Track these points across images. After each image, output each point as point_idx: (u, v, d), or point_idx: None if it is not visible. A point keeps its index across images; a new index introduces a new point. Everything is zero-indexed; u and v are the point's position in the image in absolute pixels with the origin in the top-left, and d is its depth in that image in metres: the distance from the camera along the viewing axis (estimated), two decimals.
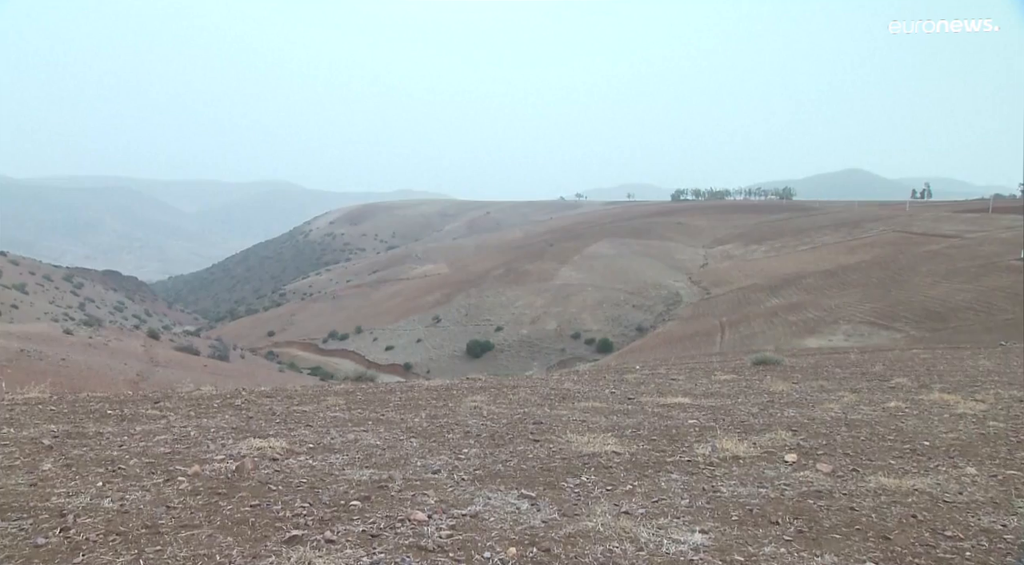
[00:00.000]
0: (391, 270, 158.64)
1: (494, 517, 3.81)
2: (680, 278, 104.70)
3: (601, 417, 6.88)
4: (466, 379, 11.43)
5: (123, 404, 7.62)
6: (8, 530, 3.46)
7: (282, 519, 3.71)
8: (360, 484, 4.40)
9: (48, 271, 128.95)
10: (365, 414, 7.16)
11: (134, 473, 4.62)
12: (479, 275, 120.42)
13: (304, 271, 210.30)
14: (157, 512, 3.79)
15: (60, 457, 4.99)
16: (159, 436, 5.83)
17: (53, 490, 4.16)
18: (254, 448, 5.31)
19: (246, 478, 4.52)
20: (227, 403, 7.82)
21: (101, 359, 51.27)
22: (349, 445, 5.57)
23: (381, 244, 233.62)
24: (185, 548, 3.28)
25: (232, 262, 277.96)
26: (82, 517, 3.67)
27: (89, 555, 3.18)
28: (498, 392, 9.00)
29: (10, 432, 5.83)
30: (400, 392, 9.18)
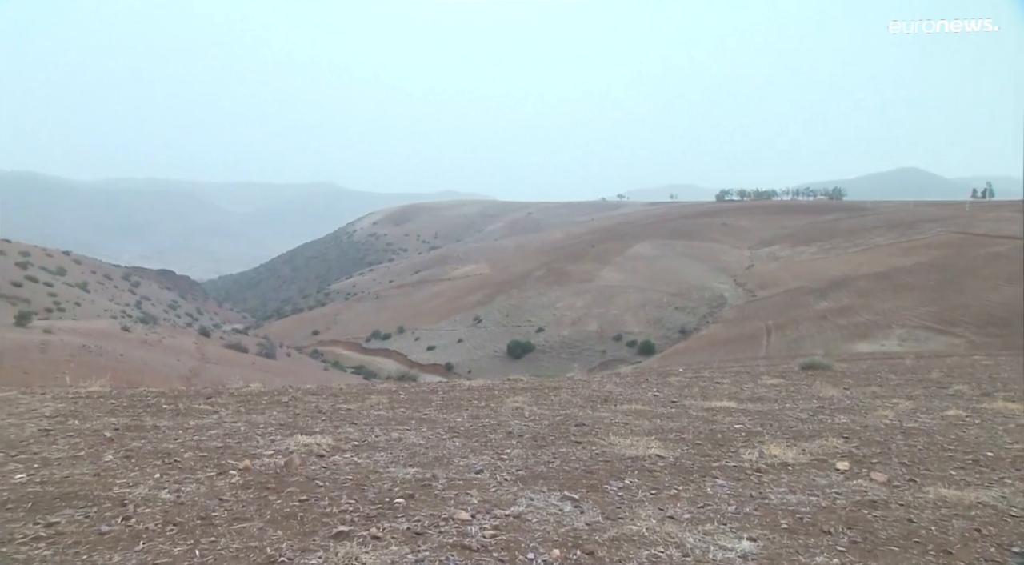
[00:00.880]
0: (433, 270, 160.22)
1: (537, 518, 3.80)
2: (724, 280, 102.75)
3: (644, 420, 6.80)
4: (507, 380, 11.45)
5: (177, 399, 7.89)
6: (75, 517, 3.63)
7: (329, 515, 3.78)
8: (404, 482, 4.45)
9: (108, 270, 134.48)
10: (408, 413, 7.24)
11: (189, 466, 4.78)
12: (520, 276, 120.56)
13: (348, 271, 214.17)
14: (211, 504, 3.92)
15: (120, 449, 5.20)
16: (211, 431, 6.02)
17: (115, 480, 4.34)
18: (301, 444, 5.43)
19: (294, 474, 4.62)
20: (275, 400, 8.01)
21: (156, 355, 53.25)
22: (393, 443, 5.64)
23: (423, 245, 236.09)
24: (237, 540, 3.38)
25: (279, 262, 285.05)
26: (142, 507, 3.82)
27: (149, 544, 3.31)
28: (539, 393, 8.99)
29: (75, 424, 6.10)
30: (442, 392, 9.25)
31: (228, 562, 3.11)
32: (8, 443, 5.26)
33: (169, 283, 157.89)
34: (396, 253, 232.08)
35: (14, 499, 3.89)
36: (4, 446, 5.15)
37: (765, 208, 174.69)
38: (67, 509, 3.77)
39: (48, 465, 4.68)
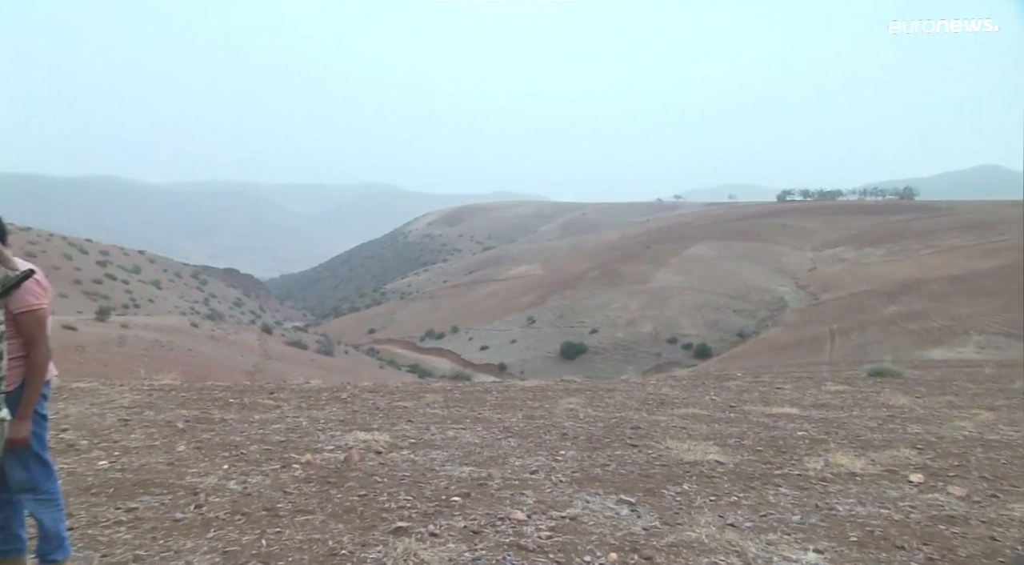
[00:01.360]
0: (486, 271, 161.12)
1: (593, 521, 3.77)
2: (786, 282, 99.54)
3: (702, 424, 6.65)
4: (561, 380, 11.41)
5: (243, 393, 8.19)
6: (152, 504, 3.82)
7: (388, 510, 3.85)
8: (460, 481, 4.49)
9: (178, 269, 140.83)
10: (463, 412, 7.30)
11: (254, 458, 4.95)
12: (574, 277, 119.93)
13: (403, 271, 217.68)
14: (275, 496, 4.05)
15: (192, 440, 5.44)
16: (274, 425, 6.22)
17: (187, 470, 4.55)
18: (360, 440, 5.55)
19: (353, 469, 4.73)
20: (334, 396, 8.21)
21: (222, 351, 55.38)
22: (449, 442, 5.70)
23: (477, 245, 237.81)
24: (301, 532, 3.48)
25: (337, 262, 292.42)
26: (212, 496, 3.99)
27: (219, 531, 3.45)
28: (594, 395, 8.92)
29: (150, 415, 6.42)
30: (496, 392, 9.28)
31: (292, 553, 3.21)
32: (92, 431, 5.58)
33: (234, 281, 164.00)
34: (450, 253, 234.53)
35: (98, 484, 4.12)
36: (88, 434, 5.46)
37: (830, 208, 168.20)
38: (145, 496, 3.97)
39: (127, 453, 4.94)
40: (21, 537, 2.91)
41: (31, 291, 2.64)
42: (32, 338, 2.65)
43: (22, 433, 2.57)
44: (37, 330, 2.66)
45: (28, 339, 2.64)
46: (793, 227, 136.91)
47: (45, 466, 2.82)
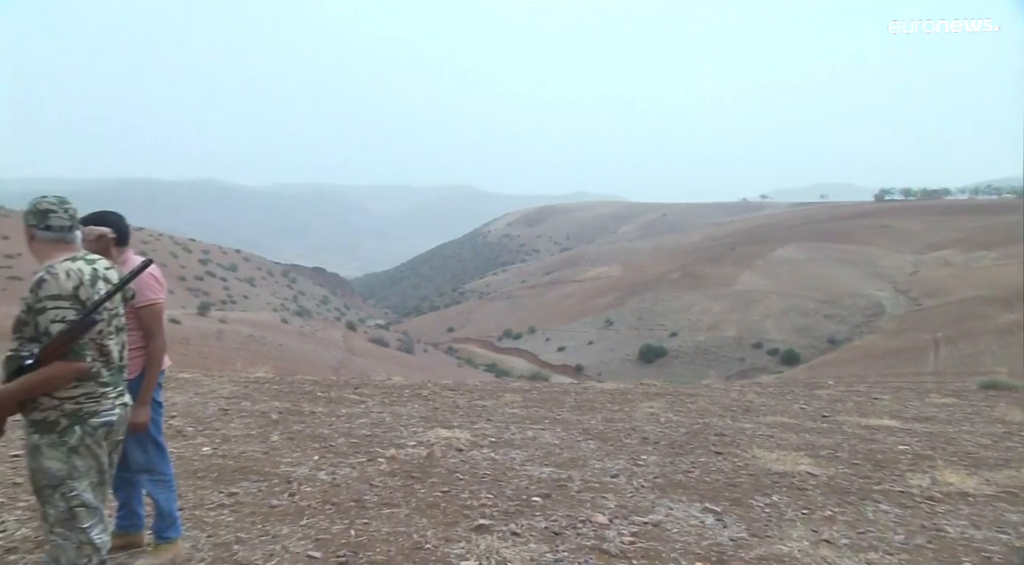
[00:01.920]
0: (564, 272, 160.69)
1: (677, 529, 3.68)
2: (883, 287, 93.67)
3: (791, 434, 6.36)
4: (640, 384, 11.21)
5: (330, 388, 8.52)
6: (250, 490, 4.05)
7: (470, 507, 3.91)
8: (540, 481, 4.50)
9: (270, 267, 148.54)
10: (542, 413, 7.31)
11: (342, 451, 5.15)
12: (654, 278, 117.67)
13: (482, 271, 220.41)
14: (362, 488, 4.19)
15: (284, 431, 5.71)
16: (360, 419, 6.44)
17: (281, 459, 4.78)
18: (441, 438, 5.66)
19: (436, 465, 4.83)
20: (415, 393, 8.40)
21: (310, 346, 57.92)
22: (528, 442, 5.72)
23: (555, 246, 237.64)
24: (387, 524, 3.58)
25: (418, 261, 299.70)
26: (304, 485, 4.17)
27: (311, 519, 3.61)
28: (675, 399, 8.70)
29: (247, 406, 6.79)
30: (575, 393, 9.23)
31: (380, 544, 3.31)
32: (196, 419, 5.97)
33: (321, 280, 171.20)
34: (528, 254, 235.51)
35: (203, 469, 4.41)
36: (193, 421, 5.85)
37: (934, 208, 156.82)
38: (244, 481, 4.21)
39: (227, 441, 5.25)
40: (140, 514, 3.15)
41: (150, 286, 2.86)
42: (150, 330, 2.86)
43: (142, 418, 2.78)
44: (155, 323, 2.87)
45: (147, 331, 2.85)
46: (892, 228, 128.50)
47: (160, 449, 3.05)
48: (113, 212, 2.92)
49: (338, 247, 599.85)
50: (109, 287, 2.36)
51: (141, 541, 3.12)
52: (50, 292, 2.20)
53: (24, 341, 2.25)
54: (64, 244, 2.34)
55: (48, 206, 2.32)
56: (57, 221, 2.32)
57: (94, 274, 2.34)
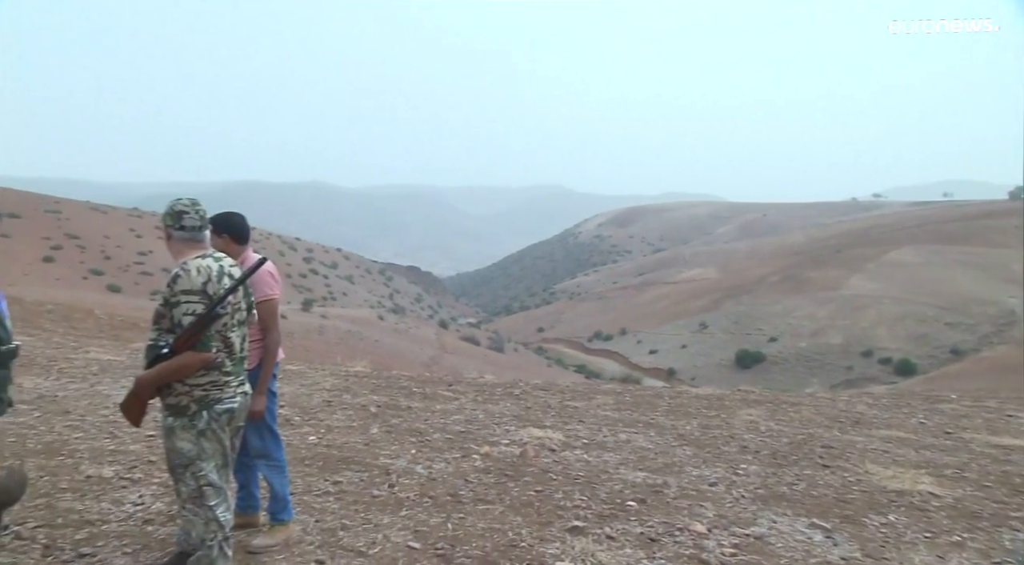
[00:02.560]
0: (657, 273, 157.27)
1: (782, 543, 3.50)
2: (1017, 293, 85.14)
3: (909, 450, 5.90)
4: (737, 390, 10.77)
5: (424, 384, 8.75)
6: (353, 479, 4.23)
7: (563, 508, 3.89)
8: (635, 486, 4.42)
9: (368, 266, 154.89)
10: (635, 416, 7.18)
11: (438, 446, 5.27)
12: (752, 281, 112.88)
13: (573, 271, 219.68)
14: (458, 483, 4.28)
15: (383, 424, 5.93)
16: (454, 416, 6.57)
17: (380, 451, 4.96)
18: (534, 437, 5.68)
19: (529, 464, 4.85)
20: (507, 392, 8.48)
21: (404, 343, 59.89)
22: (621, 445, 5.64)
23: (648, 247, 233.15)
24: (482, 520, 3.64)
25: (509, 261, 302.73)
26: (402, 478, 4.31)
27: (410, 511, 3.72)
28: (776, 407, 8.30)
29: (348, 398, 7.10)
30: (668, 397, 9.00)
31: (475, 539, 3.36)
32: (302, 409, 6.31)
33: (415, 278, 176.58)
34: (620, 255, 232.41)
35: (309, 457, 4.65)
36: (300, 411, 6.18)
37: None
38: (347, 471, 4.40)
39: (331, 431, 5.51)
40: (256, 496, 3.37)
41: (267, 283, 3.05)
42: (267, 325, 3.05)
43: (259, 406, 2.98)
44: (271, 317, 3.06)
45: (264, 325, 3.04)
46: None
47: (275, 437, 3.25)
48: (236, 213, 3.13)
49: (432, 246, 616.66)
50: (230, 283, 2.54)
51: (257, 521, 3.34)
52: (183, 287, 2.41)
53: (162, 332, 2.46)
54: (196, 243, 2.55)
55: (182, 208, 2.53)
56: (190, 222, 2.53)
57: (220, 270, 2.52)
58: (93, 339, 10.88)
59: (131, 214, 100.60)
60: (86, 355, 8.41)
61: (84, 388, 6.37)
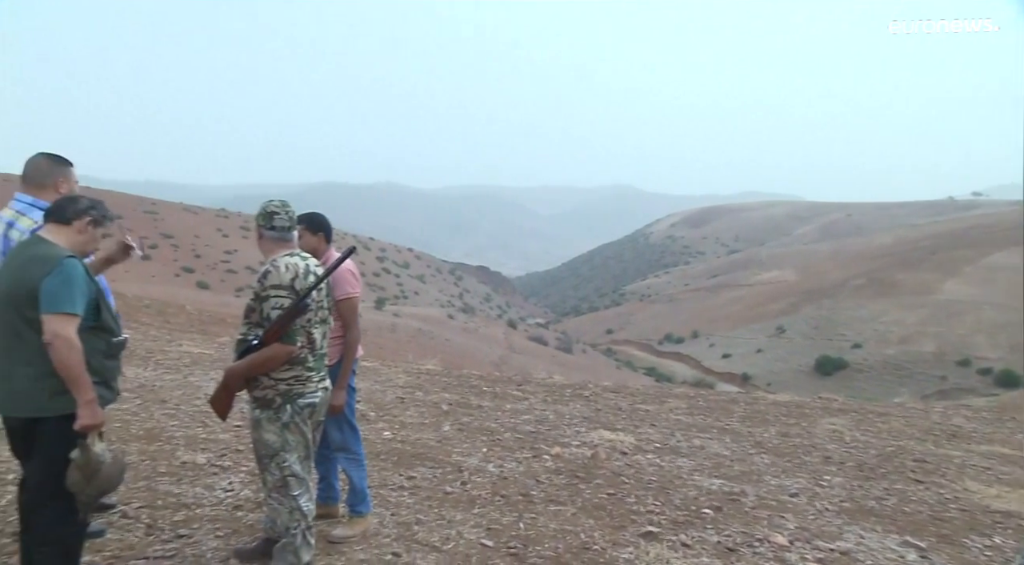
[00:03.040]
0: (731, 275, 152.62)
1: (871, 561, 3.32)
2: None
3: (1015, 468, 5.47)
4: (818, 398, 10.29)
5: (494, 383, 8.81)
6: (426, 475, 4.31)
7: (636, 513, 3.83)
8: (711, 493, 4.30)
9: (438, 265, 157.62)
10: (708, 421, 6.99)
11: (509, 445, 5.30)
12: (834, 284, 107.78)
13: (643, 273, 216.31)
14: (529, 483, 4.28)
15: (455, 422, 6.01)
16: (524, 415, 6.58)
17: (453, 449, 5.03)
18: (605, 439, 5.62)
19: (600, 467, 4.80)
20: (576, 393, 8.42)
21: (473, 342, 60.60)
22: (695, 451, 5.50)
23: (722, 248, 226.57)
24: (554, 521, 3.62)
25: (578, 262, 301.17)
26: (475, 475, 4.36)
27: (482, 509, 3.75)
28: (862, 418, 7.88)
29: (420, 396, 7.24)
30: (744, 403, 8.71)
31: (548, 540, 3.35)
32: (377, 405, 6.48)
33: (485, 278, 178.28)
34: (693, 256, 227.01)
35: (384, 452, 4.77)
36: (375, 407, 6.35)
37: None
38: (420, 467, 4.49)
39: (404, 427, 5.63)
40: (336, 488, 3.49)
41: (348, 281, 3.15)
42: (347, 322, 3.15)
43: (339, 401, 3.08)
44: (351, 315, 3.16)
45: (344, 322, 3.15)
46: None
47: (354, 431, 3.35)
48: (320, 213, 3.25)
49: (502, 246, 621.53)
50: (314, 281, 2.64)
51: (337, 512, 3.45)
52: (273, 282, 2.52)
53: (251, 326, 2.59)
54: (284, 242, 2.66)
55: (274, 209, 2.65)
56: (280, 222, 2.65)
57: (307, 268, 2.63)
58: (185, 333, 11.55)
59: (219, 215, 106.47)
60: (179, 348, 8.94)
61: (178, 379, 6.77)
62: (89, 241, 2.42)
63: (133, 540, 3.01)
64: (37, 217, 2.65)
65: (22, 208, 2.73)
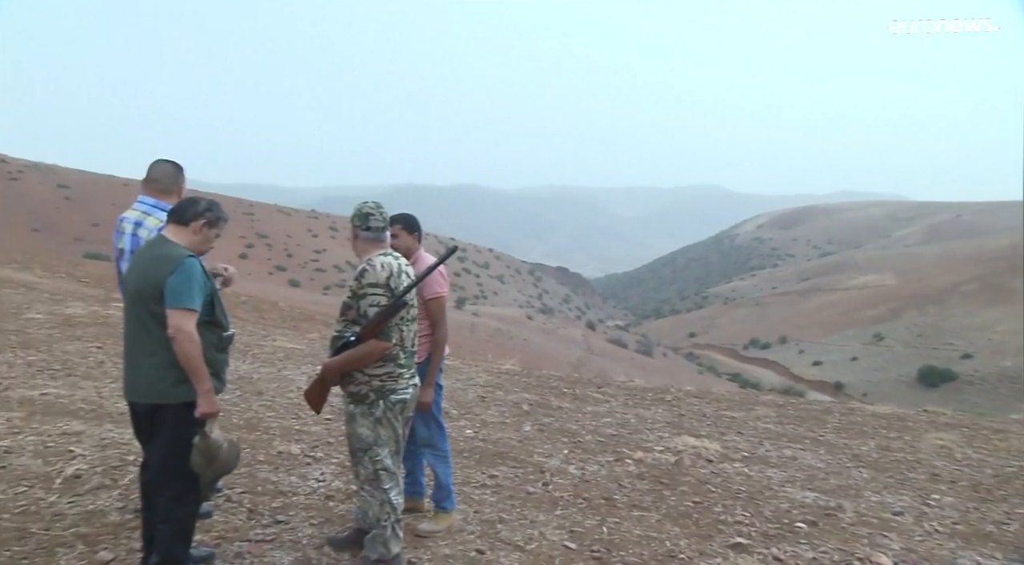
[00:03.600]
0: (824, 279, 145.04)
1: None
2: None
3: None
4: (923, 411, 9.60)
5: (574, 385, 8.76)
6: (508, 474, 4.34)
7: (724, 523, 3.70)
8: (804, 506, 4.09)
9: (518, 266, 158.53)
10: (800, 431, 6.67)
11: (590, 448, 5.25)
12: (940, 290, 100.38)
13: (728, 275, 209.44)
14: (611, 487, 4.23)
15: (535, 422, 6.02)
16: (605, 418, 6.51)
17: (534, 449, 5.04)
18: (689, 445, 5.47)
19: (685, 473, 4.68)
20: (658, 397, 8.24)
21: (551, 343, 60.54)
22: (787, 462, 5.26)
23: (814, 250, 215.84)
24: (638, 526, 3.56)
25: (660, 263, 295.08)
26: (556, 477, 4.34)
27: (565, 511, 3.74)
28: (974, 434, 7.29)
29: (500, 395, 7.30)
30: (838, 414, 8.25)
31: (632, 546, 3.30)
32: (459, 403, 6.58)
33: (564, 279, 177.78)
34: (782, 258, 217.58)
35: (467, 450, 4.84)
36: (457, 405, 6.46)
37: None
38: (502, 466, 4.52)
39: (486, 426, 5.70)
40: (421, 483, 3.57)
41: (437, 281, 3.22)
42: (436, 320, 3.22)
43: (427, 398, 3.15)
44: (440, 314, 3.23)
45: (433, 321, 3.22)
46: None
47: (440, 428, 3.42)
48: (411, 214, 3.34)
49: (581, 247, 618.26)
50: (408, 279, 2.72)
51: (422, 507, 3.53)
52: (370, 280, 2.62)
53: (348, 323, 2.69)
54: (379, 242, 2.76)
55: (369, 210, 2.75)
56: (375, 223, 2.74)
57: (399, 267, 2.71)
58: (278, 328, 12.16)
59: (309, 216, 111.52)
60: (273, 343, 9.42)
61: (273, 372, 7.14)
62: (204, 241, 2.60)
63: (237, 523, 3.19)
64: (162, 217, 2.87)
65: (147, 209, 2.96)
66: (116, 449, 3.94)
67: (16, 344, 6.53)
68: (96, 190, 73.22)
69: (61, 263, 17.52)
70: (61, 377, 5.57)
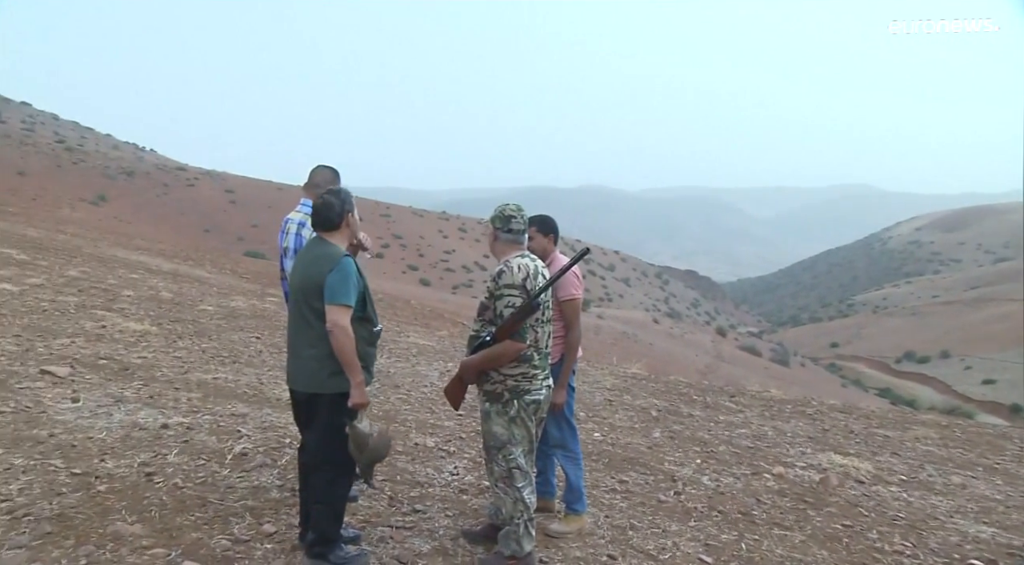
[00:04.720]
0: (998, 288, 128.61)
1: None
2: None
3: None
4: None
5: (704, 392, 8.42)
6: (638, 481, 4.25)
7: (880, 551, 3.39)
8: (979, 541, 3.65)
9: (644, 268, 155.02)
10: (970, 457, 5.96)
11: (724, 459, 5.02)
12: None
13: (878, 282, 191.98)
14: (749, 502, 4.01)
15: (665, 429, 5.85)
16: (739, 429, 6.19)
17: (664, 456, 4.90)
18: (835, 463, 5.08)
19: (832, 493, 4.34)
20: (798, 410, 7.73)
21: (678, 348, 58.63)
22: (954, 490, 4.72)
23: (986, 255, 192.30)
24: (780, 546, 3.35)
25: (799, 268, 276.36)
26: (689, 487, 4.19)
27: (699, 523, 3.60)
28: None
29: (628, 399, 7.17)
30: (1019, 439, 7.29)
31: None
32: (586, 406, 6.55)
33: (692, 282, 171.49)
34: (944, 264, 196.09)
35: (596, 453, 4.80)
36: (584, 408, 6.42)
37: None
38: (631, 471, 4.44)
39: (614, 430, 5.62)
40: (552, 483, 3.59)
41: (572, 283, 3.22)
42: (569, 322, 3.22)
43: (560, 399, 3.16)
44: (574, 316, 3.22)
45: (567, 322, 3.22)
46: None
47: (572, 429, 3.42)
48: (549, 216, 3.37)
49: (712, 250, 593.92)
50: (543, 281, 2.74)
51: (552, 507, 3.55)
52: (506, 282, 2.67)
53: (484, 323, 2.76)
54: (517, 244, 2.80)
55: (511, 213, 2.80)
56: (516, 225, 2.79)
57: (536, 269, 2.74)
58: (410, 325, 12.76)
59: (440, 217, 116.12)
60: (407, 339, 9.89)
61: (407, 367, 7.49)
62: (352, 224, 2.79)
63: (379, 509, 3.38)
64: None
65: (309, 211, 3.23)
66: (275, 431, 4.31)
67: (193, 333, 7.35)
68: (256, 194, 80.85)
69: (226, 260, 19.57)
70: (228, 364, 6.19)
